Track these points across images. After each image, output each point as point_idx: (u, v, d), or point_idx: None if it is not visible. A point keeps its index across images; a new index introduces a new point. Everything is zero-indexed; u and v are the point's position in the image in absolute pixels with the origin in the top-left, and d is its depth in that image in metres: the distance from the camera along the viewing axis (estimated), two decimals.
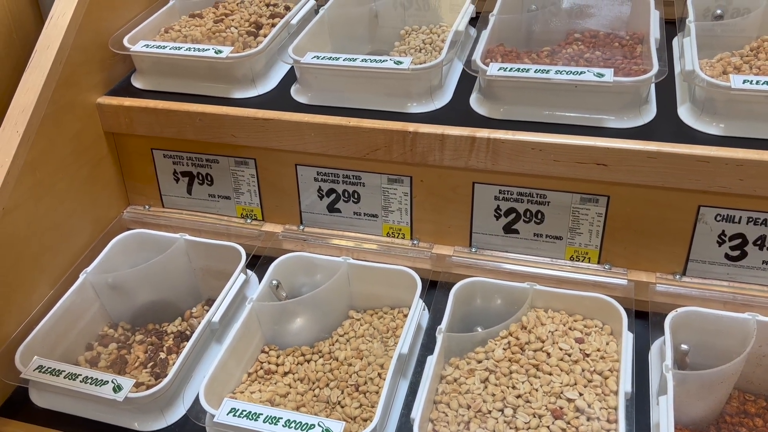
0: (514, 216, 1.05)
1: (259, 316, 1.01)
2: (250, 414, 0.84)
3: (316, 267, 1.09)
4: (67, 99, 1.08)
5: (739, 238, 0.96)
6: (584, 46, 1.15)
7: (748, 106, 0.93)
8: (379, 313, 1.07)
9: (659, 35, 1.06)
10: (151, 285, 1.11)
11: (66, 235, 1.11)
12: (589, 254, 1.04)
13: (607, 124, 0.98)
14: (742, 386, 0.94)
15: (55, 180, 1.08)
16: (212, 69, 1.13)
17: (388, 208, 1.11)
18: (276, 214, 1.18)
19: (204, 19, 1.26)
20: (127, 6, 1.21)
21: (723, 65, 1.03)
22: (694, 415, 0.89)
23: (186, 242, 1.12)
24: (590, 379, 0.89)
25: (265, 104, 1.11)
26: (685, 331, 0.92)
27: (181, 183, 1.21)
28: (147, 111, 1.13)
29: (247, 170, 1.15)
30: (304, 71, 1.10)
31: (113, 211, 1.23)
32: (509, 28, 1.18)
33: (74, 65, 1.09)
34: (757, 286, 0.98)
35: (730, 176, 0.91)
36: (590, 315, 0.98)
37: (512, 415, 0.85)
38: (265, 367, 0.99)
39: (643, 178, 0.94)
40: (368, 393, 0.93)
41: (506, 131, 0.98)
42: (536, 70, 0.97)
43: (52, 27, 1.06)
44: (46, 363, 0.93)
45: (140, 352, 1.04)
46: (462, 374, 0.92)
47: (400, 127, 1.02)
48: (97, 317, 1.09)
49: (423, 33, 1.25)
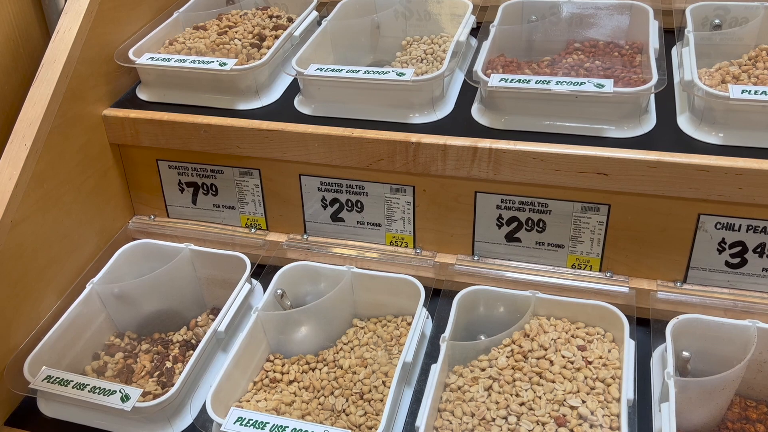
0: (516, 225, 1.06)
1: (264, 325, 1.02)
2: (257, 423, 0.85)
3: (319, 276, 1.10)
4: (73, 112, 1.10)
5: (739, 245, 0.97)
6: (584, 56, 1.16)
7: (747, 115, 0.94)
8: (382, 322, 1.08)
9: (658, 45, 1.08)
10: (156, 294, 1.12)
11: (73, 246, 1.12)
12: (590, 262, 1.05)
13: (608, 133, 1.00)
14: (744, 392, 0.95)
15: (62, 192, 1.09)
16: (216, 81, 1.14)
17: (391, 218, 1.12)
18: (280, 223, 1.19)
19: (208, 32, 1.27)
20: (131, 19, 1.22)
21: (722, 74, 1.04)
22: (695, 421, 0.90)
23: (191, 252, 1.14)
24: (593, 387, 0.89)
25: (269, 115, 1.12)
26: (687, 338, 0.93)
27: (186, 193, 1.22)
28: (152, 123, 1.14)
29: (251, 180, 1.16)
30: (307, 83, 1.11)
31: (119, 221, 1.24)
32: (510, 39, 1.19)
33: (80, 78, 1.10)
34: (758, 293, 0.99)
35: (729, 185, 0.91)
36: (592, 322, 0.99)
37: (516, 423, 0.86)
38: (271, 376, 1.00)
39: (643, 187, 0.95)
40: (373, 401, 0.94)
41: (508, 141, 0.99)
42: (537, 81, 0.98)
43: (58, 41, 1.07)
44: (54, 373, 0.94)
45: (146, 362, 1.05)
46: (466, 382, 0.92)
47: (402, 137, 1.03)
48: (103, 327, 1.10)
49: (424, 43, 1.26)
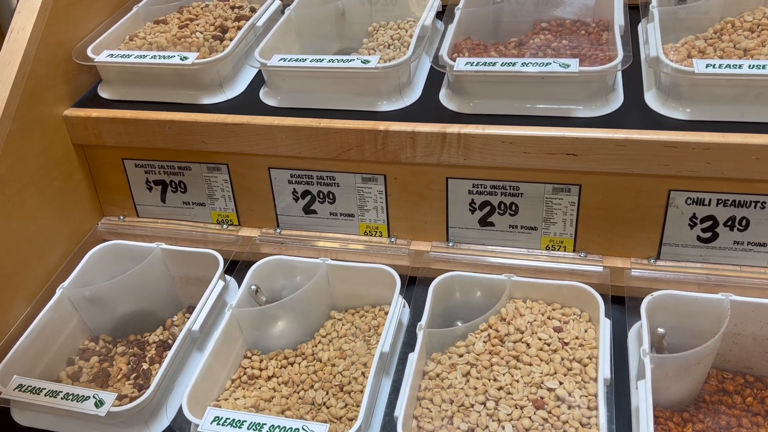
0: (488, 209, 1.05)
1: (240, 321, 1.01)
2: (234, 422, 0.84)
3: (294, 269, 1.08)
4: (33, 113, 1.07)
5: (710, 220, 0.97)
6: (551, 36, 1.15)
7: (713, 89, 0.94)
8: (360, 312, 1.07)
9: (623, 22, 1.07)
10: (130, 296, 1.10)
11: (40, 251, 1.10)
12: (564, 243, 1.05)
13: (576, 113, 0.99)
14: (720, 365, 0.96)
15: (26, 196, 1.07)
16: (179, 76, 1.12)
17: (363, 207, 1.11)
18: (252, 218, 1.18)
19: (169, 25, 1.24)
20: (89, 16, 1.19)
21: (687, 49, 1.03)
22: (673, 397, 0.90)
23: (163, 251, 1.12)
24: (570, 368, 0.89)
25: (234, 109, 1.10)
26: (661, 314, 0.93)
27: (154, 192, 1.20)
28: (115, 121, 1.12)
29: (220, 176, 1.14)
30: (271, 74, 1.10)
31: (87, 223, 1.22)
32: (476, 21, 1.18)
33: (38, 79, 1.07)
34: (730, 266, 1.00)
35: (697, 160, 0.91)
36: (568, 303, 0.99)
37: (494, 408, 0.86)
38: (249, 373, 0.99)
39: (613, 166, 0.95)
40: (353, 392, 0.94)
41: (476, 126, 0.98)
42: (503, 64, 0.98)
43: (12, 41, 1.04)
44: (26, 381, 0.92)
45: (123, 364, 1.03)
46: (444, 369, 0.92)
47: (370, 126, 1.01)
48: (76, 331, 1.08)
49: (391, 29, 1.24)
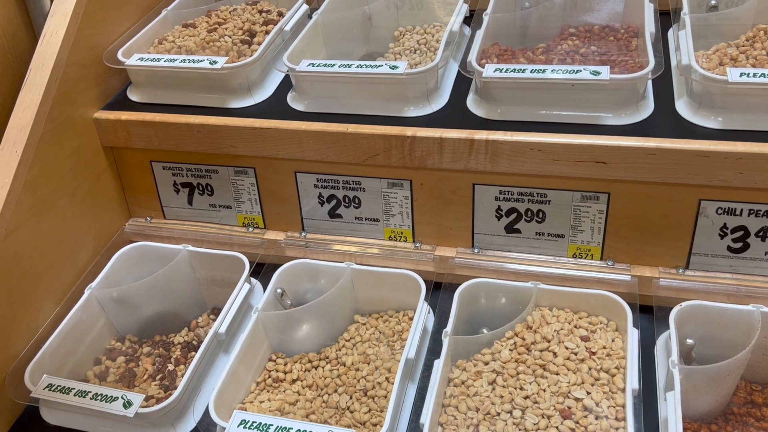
0: (515, 216, 1.05)
1: (265, 324, 1.01)
2: (261, 425, 0.85)
3: (319, 273, 1.09)
4: (64, 116, 1.08)
5: (741, 230, 0.96)
6: (579, 41, 1.14)
7: (746, 98, 0.93)
8: (384, 317, 1.07)
9: (654, 28, 1.06)
10: (156, 297, 1.11)
11: (69, 252, 1.11)
12: (591, 251, 1.04)
13: (606, 121, 0.98)
14: (749, 377, 0.94)
15: (56, 197, 1.08)
16: (207, 80, 1.13)
17: (389, 212, 1.11)
18: (277, 221, 1.18)
19: (197, 29, 1.25)
20: (119, 19, 1.21)
21: (719, 56, 1.02)
22: (701, 409, 0.89)
23: (189, 253, 1.13)
24: (597, 378, 0.89)
25: (262, 113, 1.11)
26: (690, 324, 0.92)
27: (181, 194, 1.21)
28: (144, 124, 1.13)
29: (246, 179, 1.15)
30: (299, 79, 1.10)
31: (115, 224, 1.23)
32: (503, 26, 1.18)
33: (70, 82, 1.09)
34: (761, 277, 0.98)
35: (729, 170, 0.90)
36: (595, 312, 0.98)
37: (521, 417, 0.86)
38: (273, 376, 0.99)
39: (643, 175, 0.94)
40: (377, 397, 0.94)
41: (504, 132, 0.98)
42: (532, 71, 0.97)
43: (45, 45, 1.06)
44: (55, 381, 0.94)
45: (148, 365, 1.04)
46: (469, 376, 0.92)
47: (398, 131, 1.01)
48: (103, 331, 1.09)
49: (417, 33, 1.24)
